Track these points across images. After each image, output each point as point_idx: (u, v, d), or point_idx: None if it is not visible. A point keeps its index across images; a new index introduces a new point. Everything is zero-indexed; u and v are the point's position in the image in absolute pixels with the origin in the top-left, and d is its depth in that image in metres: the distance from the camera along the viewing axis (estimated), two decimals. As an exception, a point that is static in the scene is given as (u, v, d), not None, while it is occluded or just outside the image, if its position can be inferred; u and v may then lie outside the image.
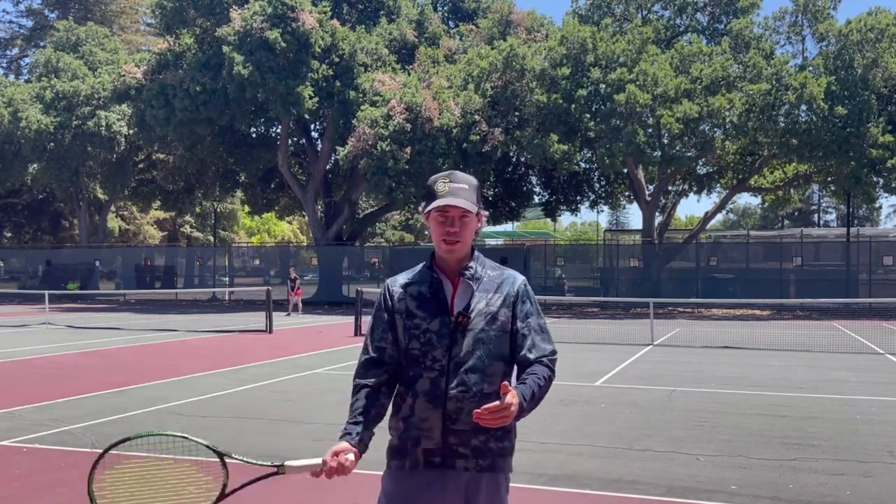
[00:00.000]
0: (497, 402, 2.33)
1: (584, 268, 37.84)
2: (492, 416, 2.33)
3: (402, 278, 2.72)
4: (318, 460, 2.53)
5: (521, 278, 2.73)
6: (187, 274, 41.23)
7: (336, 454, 2.51)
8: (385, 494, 2.64)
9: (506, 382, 2.42)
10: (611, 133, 27.68)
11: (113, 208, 49.52)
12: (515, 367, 2.67)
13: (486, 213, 2.74)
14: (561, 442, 7.39)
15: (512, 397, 2.35)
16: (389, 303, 2.67)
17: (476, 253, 2.69)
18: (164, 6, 32.73)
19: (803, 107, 27.23)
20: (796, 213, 68.17)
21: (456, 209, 2.55)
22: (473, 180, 2.65)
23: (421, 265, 2.72)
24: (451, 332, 2.56)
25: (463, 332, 2.55)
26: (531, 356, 2.60)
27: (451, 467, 2.55)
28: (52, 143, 37.30)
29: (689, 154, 28.99)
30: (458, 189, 2.57)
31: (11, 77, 53.74)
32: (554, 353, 2.65)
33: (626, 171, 32.51)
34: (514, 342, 2.64)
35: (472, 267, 2.64)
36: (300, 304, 28.85)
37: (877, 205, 62.97)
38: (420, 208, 2.66)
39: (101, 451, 2.36)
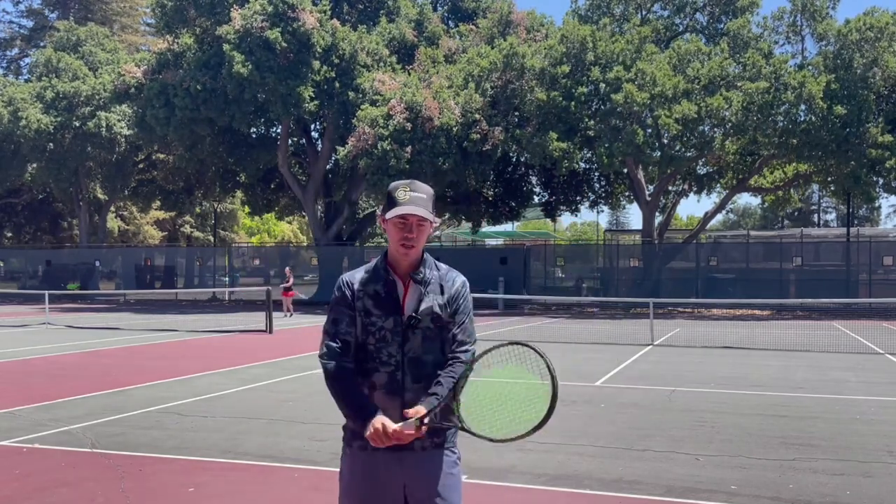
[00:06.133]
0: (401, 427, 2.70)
1: (584, 268, 37.80)
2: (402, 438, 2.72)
3: (360, 275, 2.94)
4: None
5: (460, 280, 3.00)
6: (187, 274, 41.23)
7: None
8: (350, 472, 2.89)
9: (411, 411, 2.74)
10: (610, 132, 27.69)
11: (113, 208, 49.51)
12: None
13: (438, 220, 3.03)
14: (561, 442, 7.38)
15: (410, 426, 2.69)
16: (350, 299, 2.89)
17: (425, 256, 2.96)
18: (164, 5, 32.72)
19: (802, 106, 27.22)
20: (796, 213, 68.17)
21: (414, 217, 2.82)
22: (430, 190, 2.93)
23: (373, 263, 2.96)
24: (404, 331, 2.84)
25: (413, 329, 2.85)
26: (456, 351, 2.91)
27: (410, 448, 2.81)
28: (51, 144, 37.31)
29: (688, 154, 28.99)
30: (416, 198, 2.83)
31: (11, 77, 53.72)
32: (472, 354, 2.93)
33: (625, 171, 32.52)
34: (447, 337, 2.95)
35: (422, 271, 2.91)
36: (290, 306, 27.77)
37: (876, 205, 62.97)
38: (379, 212, 2.89)
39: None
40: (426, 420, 2.70)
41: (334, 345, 2.86)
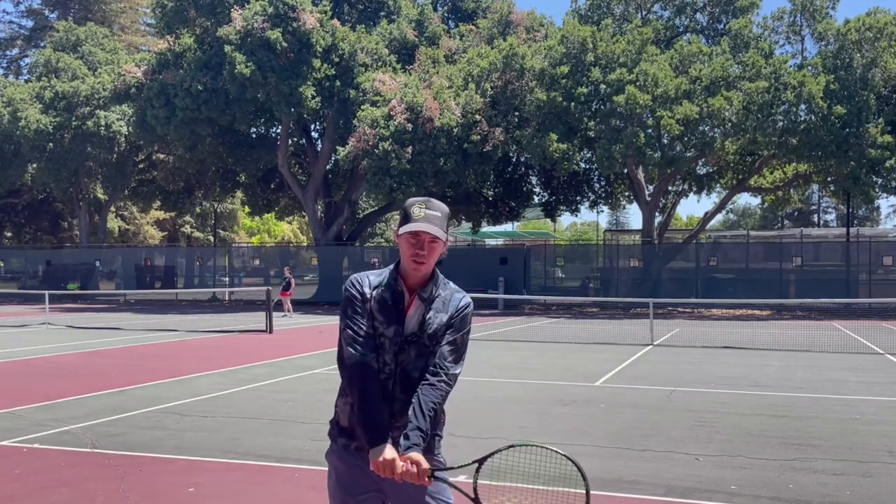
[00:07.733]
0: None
1: (584, 268, 37.81)
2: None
3: (373, 279, 2.93)
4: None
5: (465, 300, 2.97)
6: (187, 274, 41.23)
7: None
8: (334, 468, 2.95)
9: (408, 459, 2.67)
10: (610, 134, 27.67)
11: (113, 208, 49.51)
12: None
13: (451, 240, 3.01)
14: (561, 442, 7.38)
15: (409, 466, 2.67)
16: (362, 298, 2.89)
17: (436, 273, 2.96)
18: (164, 5, 32.74)
19: (802, 106, 27.22)
20: (796, 213, 68.16)
21: (427, 234, 2.80)
22: (446, 209, 2.92)
23: (388, 270, 2.95)
24: (401, 342, 2.85)
25: (411, 343, 2.86)
26: (432, 368, 2.85)
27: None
28: (51, 144, 37.30)
29: (688, 154, 29.00)
30: (431, 216, 2.83)
31: (11, 77, 53.71)
32: (455, 376, 2.88)
33: (626, 171, 32.51)
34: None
35: (430, 289, 2.90)
36: (290, 305, 27.86)
37: (876, 205, 63.02)
38: (395, 227, 2.87)
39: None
40: (437, 473, 2.74)
41: (358, 338, 2.85)
